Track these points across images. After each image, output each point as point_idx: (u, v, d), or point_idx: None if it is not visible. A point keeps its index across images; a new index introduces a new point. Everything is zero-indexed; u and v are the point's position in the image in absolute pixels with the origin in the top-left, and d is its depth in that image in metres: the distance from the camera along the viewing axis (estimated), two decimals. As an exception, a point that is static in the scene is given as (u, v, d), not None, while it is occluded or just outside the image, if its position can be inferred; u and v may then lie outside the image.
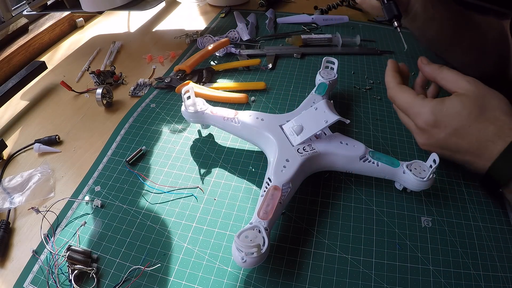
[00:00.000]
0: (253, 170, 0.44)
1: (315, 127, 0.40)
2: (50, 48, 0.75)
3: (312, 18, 0.79)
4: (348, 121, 0.41)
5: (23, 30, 0.72)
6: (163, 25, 0.83)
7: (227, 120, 0.44)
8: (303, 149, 0.39)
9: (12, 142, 0.51)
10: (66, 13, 0.78)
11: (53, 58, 0.71)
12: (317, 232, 0.38)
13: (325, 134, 0.42)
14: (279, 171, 0.37)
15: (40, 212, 0.39)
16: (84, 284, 0.33)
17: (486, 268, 0.35)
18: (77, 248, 0.35)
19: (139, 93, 0.58)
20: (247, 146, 0.48)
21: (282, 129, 0.42)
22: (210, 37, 0.70)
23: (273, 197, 0.35)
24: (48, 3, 0.69)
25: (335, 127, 0.50)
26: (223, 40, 0.65)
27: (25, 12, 0.70)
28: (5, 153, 0.49)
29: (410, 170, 0.38)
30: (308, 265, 0.35)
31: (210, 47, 0.63)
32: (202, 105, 0.46)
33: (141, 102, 0.56)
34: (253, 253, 0.31)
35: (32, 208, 0.39)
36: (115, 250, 0.36)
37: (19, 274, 0.34)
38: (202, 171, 0.44)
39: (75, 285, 0.32)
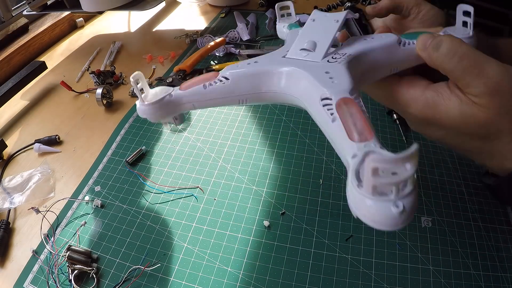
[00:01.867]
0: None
1: (329, 33, 0.30)
2: (50, 48, 0.75)
3: (312, 18, 0.79)
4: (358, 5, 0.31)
5: (23, 30, 0.72)
6: (163, 25, 0.83)
7: (209, 86, 0.30)
8: (333, 58, 0.29)
9: (12, 142, 0.51)
10: (66, 13, 0.78)
11: (53, 58, 0.71)
12: (317, 232, 0.38)
13: (341, 44, 0.31)
14: (330, 82, 0.26)
15: (40, 212, 0.39)
16: (84, 284, 0.33)
17: (486, 268, 0.35)
18: (77, 248, 0.35)
19: (139, 93, 0.58)
20: (247, 146, 0.48)
21: (291, 58, 0.30)
22: (210, 37, 0.70)
23: (351, 111, 0.23)
24: (48, 3, 0.69)
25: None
26: (218, 40, 0.65)
27: (25, 12, 0.70)
28: (5, 153, 0.49)
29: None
30: (308, 265, 0.35)
31: (208, 46, 0.64)
32: (164, 91, 0.31)
33: (141, 102, 0.56)
34: (406, 184, 0.18)
35: (32, 208, 0.39)
36: (115, 250, 0.36)
37: (19, 274, 0.34)
38: (202, 171, 0.44)
39: (75, 285, 0.32)
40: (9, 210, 0.40)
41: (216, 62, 0.65)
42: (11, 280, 0.34)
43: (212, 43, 0.64)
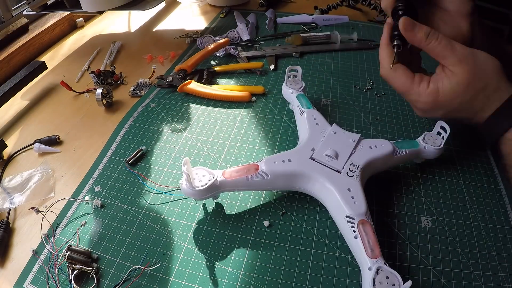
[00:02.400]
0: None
1: (347, 148, 0.40)
2: (50, 48, 0.75)
3: (312, 18, 0.79)
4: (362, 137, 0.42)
5: (23, 30, 0.72)
6: (163, 25, 0.83)
7: (251, 178, 0.37)
8: (350, 171, 0.38)
9: (12, 142, 0.51)
10: (66, 13, 0.78)
11: (53, 58, 0.71)
12: (317, 232, 0.38)
13: (353, 151, 0.41)
14: (352, 203, 0.35)
15: (40, 212, 0.39)
16: (84, 284, 0.33)
17: (486, 268, 0.35)
18: (77, 248, 0.35)
19: (139, 93, 0.58)
20: (247, 146, 0.48)
21: (316, 161, 0.39)
22: (210, 37, 0.70)
23: (367, 231, 0.33)
24: (48, 3, 0.69)
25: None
26: (222, 40, 0.65)
27: (25, 12, 0.70)
28: (5, 153, 0.49)
29: (427, 143, 0.42)
30: (308, 265, 0.35)
31: (210, 47, 0.64)
32: (207, 174, 0.37)
33: (141, 102, 0.56)
34: None
35: (32, 208, 0.39)
36: (115, 250, 0.36)
37: (19, 274, 0.34)
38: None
39: (75, 285, 0.32)
40: (9, 210, 0.40)
41: (216, 62, 0.65)
42: (11, 280, 0.34)
43: (213, 45, 0.64)
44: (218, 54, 0.67)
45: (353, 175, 0.38)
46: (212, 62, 0.65)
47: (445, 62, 0.39)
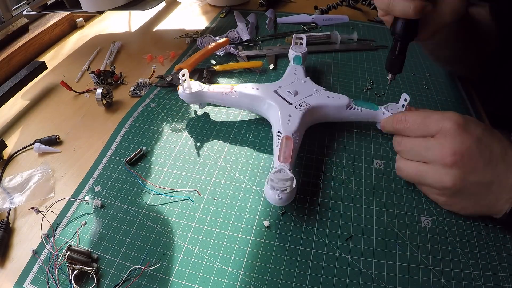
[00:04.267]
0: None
1: (307, 92, 0.49)
2: (50, 48, 0.75)
3: (312, 18, 0.79)
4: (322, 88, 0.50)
5: (23, 30, 0.72)
6: (163, 25, 0.83)
7: (225, 94, 0.49)
8: (299, 105, 0.46)
9: (12, 142, 0.51)
10: (66, 13, 0.78)
11: (53, 58, 0.71)
12: (317, 232, 0.38)
13: (313, 93, 0.49)
14: (286, 123, 0.43)
15: (40, 212, 0.39)
16: (84, 284, 0.33)
17: (486, 268, 0.35)
18: (77, 248, 0.35)
19: (139, 93, 0.58)
20: (247, 146, 0.48)
21: (277, 93, 0.49)
22: (210, 37, 0.70)
23: (287, 144, 0.41)
24: (48, 3, 0.69)
25: (335, 135, 0.50)
26: (222, 40, 0.65)
27: (25, 12, 0.70)
28: (5, 153, 0.49)
29: (388, 111, 0.46)
30: (308, 265, 0.35)
31: (210, 46, 0.64)
32: (198, 86, 0.50)
33: (141, 102, 0.56)
34: (286, 189, 0.35)
35: (32, 208, 0.39)
36: (115, 250, 0.36)
37: (19, 274, 0.34)
38: (202, 171, 0.44)
39: (75, 285, 0.32)
40: (9, 210, 0.40)
41: (216, 61, 0.65)
42: (11, 280, 0.34)
43: (213, 44, 0.64)
44: (218, 53, 0.67)
45: (300, 108, 0.46)
46: (212, 61, 0.65)
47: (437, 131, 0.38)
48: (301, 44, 0.60)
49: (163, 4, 0.91)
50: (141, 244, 0.37)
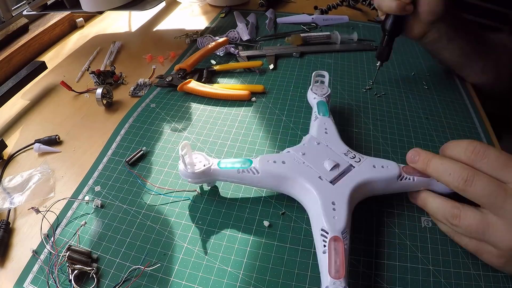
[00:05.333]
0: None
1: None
2: (50, 48, 0.75)
3: (312, 18, 0.79)
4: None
5: (23, 30, 0.72)
6: (163, 25, 0.83)
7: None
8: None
9: (12, 142, 0.51)
10: (66, 13, 0.78)
11: (53, 58, 0.71)
12: (317, 232, 0.38)
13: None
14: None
15: (40, 212, 0.39)
16: (84, 284, 0.33)
17: (486, 268, 0.35)
18: (77, 248, 0.35)
19: (139, 93, 0.58)
20: (247, 146, 0.48)
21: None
22: (210, 37, 0.70)
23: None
24: (48, 3, 0.69)
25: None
26: (221, 40, 0.65)
27: (25, 12, 0.70)
28: (5, 153, 0.49)
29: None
30: (308, 265, 0.35)
31: (210, 46, 0.64)
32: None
33: (141, 102, 0.56)
34: None
35: (32, 208, 0.39)
36: (115, 250, 0.36)
37: (19, 274, 0.34)
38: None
39: (75, 285, 0.32)
40: (9, 210, 0.40)
41: (216, 61, 0.65)
42: (11, 280, 0.34)
43: (213, 43, 0.64)
44: (218, 53, 0.67)
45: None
46: (212, 61, 0.65)
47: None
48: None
49: (163, 4, 0.91)
50: (141, 244, 0.37)
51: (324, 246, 0.32)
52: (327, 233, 0.32)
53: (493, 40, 0.57)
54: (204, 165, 0.38)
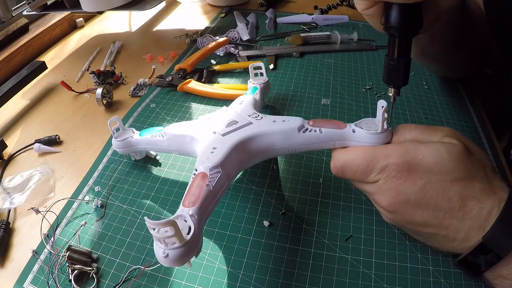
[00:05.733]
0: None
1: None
2: (50, 48, 0.75)
3: (312, 18, 0.79)
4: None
5: (23, 30, 0.72)
6: (163, 25, 0.83)
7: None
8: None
9: (12, 142, 0.51)
10: (66, 13, 0.78)
11: (53, 58, 0.71)
12: (317, 232, 0.38)
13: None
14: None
15: (40, 212, 0.39)
16: (84, 284, 0.33)
17: (486, 268, 0.35)
18: (77, 248, 0.35)
19: (139, 93, 0.58)
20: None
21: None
22: (210, 37, 0.70)
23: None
24: (48, 3, 0.69)
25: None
26: (221, 40, 0.65)
27: (25, 12, 0.70)
28: (5, 153, 0.49)
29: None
30: (308, 265, 0.35)
31: (210, 45, 0.64)
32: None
33: (141, 102, 0.56)
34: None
35: (32, 208, 0.39)
36: (115, 250, 0.36)
37: (19, 274, 0.34)
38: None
39: (75, 285, 0.32)
40: (9, 210, 0.40)
41: (216, 61, 0.65)
42: (11, 280, 0.34)
43: (213, 43, 0.64)
44: (218, 53, 0.67)
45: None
46: (212, 61, 0.65)
47: (435, 135, 0.33)
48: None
49: (163, 4, 0.91)
50: (141, 244, 0.37)
51: (191, 181, 0.32)
52: (196, 170, 0.33)
53: (470, 14, 0.48)
54: (129, 136, 0.42)
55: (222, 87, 0.57)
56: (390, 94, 0.34)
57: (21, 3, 0.74)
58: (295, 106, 0.55)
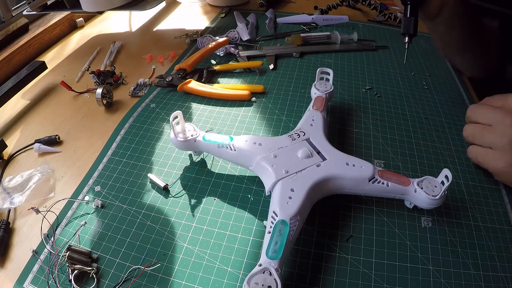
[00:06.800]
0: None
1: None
2: (50, 48, 0.75)
3: (312, 18, 0.79)
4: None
5: (23, 30, 0.72)
6: (163, 25, 0.83)
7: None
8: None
9: (12, 142, 0.51)
10: (66, 13, 0.78)
11: (53, 58, 0.71)
12: (317, 233, 0.38)
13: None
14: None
15: (40, 212, 0.39)
16: (84, 284, 0.33)
17: (486, 268, 0.35)
18: (77, 248, 0.35)
19: (139, 93, 0.58)
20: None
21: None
22: (210, 37, 0.70)
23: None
24: (48, 3, 0.69)
25: (335, 136, 0.50)
26: (221, 40, 0.65)
27: (25, 12, 0.70)
28: (5, 153, 0.49)
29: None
30: (308, 265, 0.35)
31: (210, 45, 0.64)
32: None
33: (141, 102, 0.56)
34: None
35: (32, 208, 0.39)
36: (115, 250, 0.36)
37: (19, 274, 0.34)
38: (203, 171, 0.44)
39: (75, 285, 0.33)
40: (9, 210, 0.40)
41: (216, 61, 0.65)
42: (11, 280, 0.34)
43: (213, 43, 0.64)
44: (218, 53, 0.67)
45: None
46: (212, 61, 0.65)
47: None
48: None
49: (163, 4, 0.91)
50: (141, 244, 0.37)
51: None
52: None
53: (488, 26, 0.59)
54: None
55: (222, 87, 0.57)
56: (405, 42, 0.48)
57: (21, 3, 0.74)
58: (295, 107, 0.55)
